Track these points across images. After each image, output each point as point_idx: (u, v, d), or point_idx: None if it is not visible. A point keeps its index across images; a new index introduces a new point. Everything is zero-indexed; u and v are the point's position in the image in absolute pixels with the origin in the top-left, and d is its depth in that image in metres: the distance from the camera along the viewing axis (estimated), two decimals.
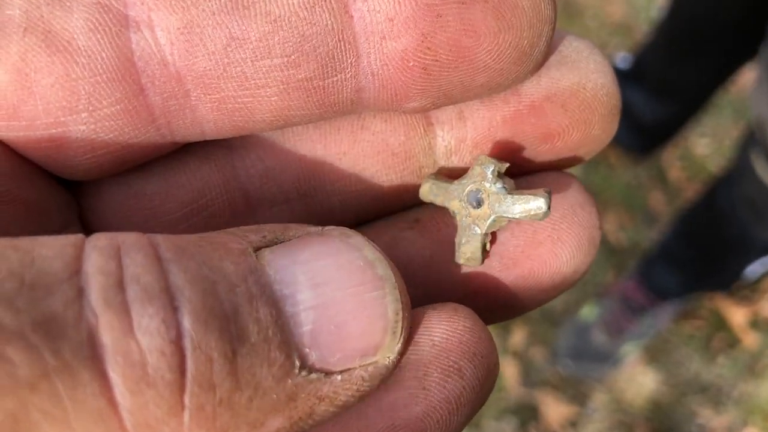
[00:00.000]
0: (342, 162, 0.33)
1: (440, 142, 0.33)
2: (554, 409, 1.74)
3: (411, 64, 0.28)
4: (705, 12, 1.48)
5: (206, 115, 0.29)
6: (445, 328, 0.30)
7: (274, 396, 0.23)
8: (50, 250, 0.21)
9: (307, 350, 0.24)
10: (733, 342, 1.83)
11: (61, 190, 0.31)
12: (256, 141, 0.32)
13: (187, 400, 0.21)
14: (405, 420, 0.29)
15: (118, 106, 0.28)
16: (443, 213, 0.33)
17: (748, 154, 1.23)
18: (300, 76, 0.28)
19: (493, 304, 0.33)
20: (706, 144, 2.00)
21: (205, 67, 0.27)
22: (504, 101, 0.32)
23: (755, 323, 1.84)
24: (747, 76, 1.75)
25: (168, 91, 0.28)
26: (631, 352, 1.78)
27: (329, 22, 0.27)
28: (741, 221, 1.36)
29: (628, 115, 1.83)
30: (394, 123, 0.32)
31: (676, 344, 1.83)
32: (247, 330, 0.22)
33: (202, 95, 0.28)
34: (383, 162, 0.33)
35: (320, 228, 0.27)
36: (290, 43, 0.27)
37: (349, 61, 0.28)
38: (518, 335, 1.79)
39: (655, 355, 1.82)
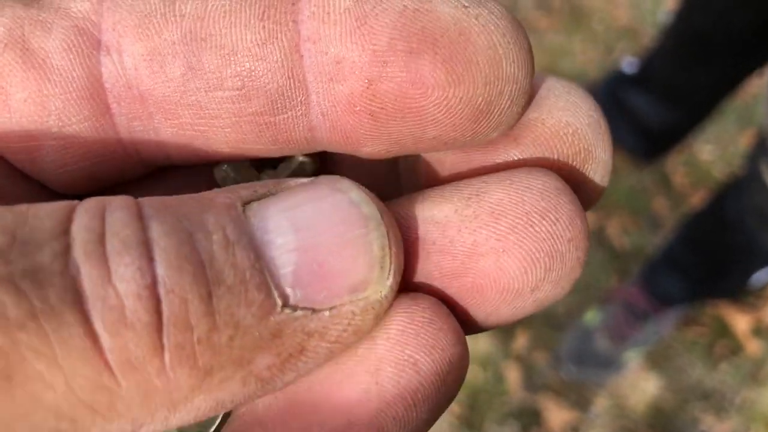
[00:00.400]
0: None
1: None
2: (556, 414, 1.74)
3: (358, 108, 0.28)
4: (715, 19, 1.47)
5: (168, 139, 0.30)
6: (402, 319, 0.28)
7: (257, 334, 0.24)
8: (43, 212, 0.23)
9: (290, 289, 0.24)
10: (736, 349, 1.83)
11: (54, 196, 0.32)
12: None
13: (165, 340, 0.22)
14: (360, 416, 0.28)
15: (87, 123, 0.29)
16: (393, 211, 0.31)
17: (757, 164, 1.23)
18: (251, 110, 0.29)
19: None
20: (711, 150, 2.00)
21: (164, 93, 0.29)
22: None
23: (759, 330, 1.83)
24: (752, 84, 1.75)
25: (132, 112, 0.29)
26: (633, 358, 1.78)
27: (279, 60, 0.28)
28: (748, 229, 1.35)
29: (633, 119, 1.83)
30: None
31: (678, 350, 1.83)
32: (223, 274, 0.23)
33: (164, 119, 0.29)
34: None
35: (312, 178, 0.27)
36: (241, 77, 0.28)
37: (298, 99, 0.28)
38: (521, 339, 1.79)
39: (657, 361, 1.82)
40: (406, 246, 0.29)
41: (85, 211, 0.23)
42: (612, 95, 1.82)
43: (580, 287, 1.83)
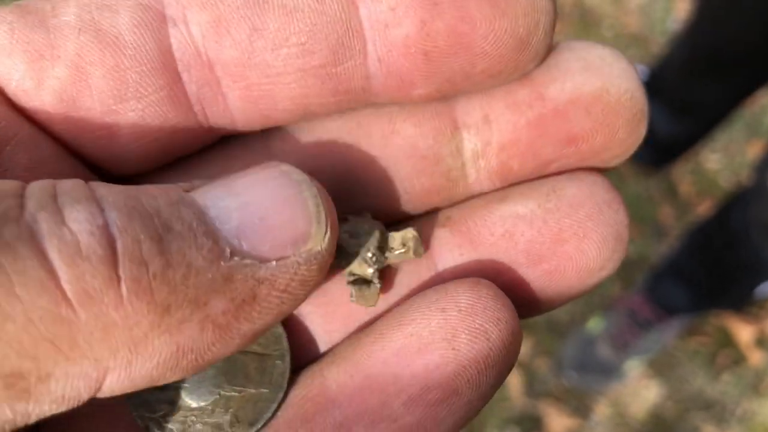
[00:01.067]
0: (374, 165, 0.35)
1: (467, 145, 0.34)
2: (557, 421, 1.74)
3: (413, 50, 0.31)
4: (728, 34, 1.47)
5: (235, 103, 0.32)
6: (470, 296, 0.32)
7: (210, 275, 0.25)
8: (2, 182, 0.25)
9: (236, 240, 0.26)
10: (738, 359, 1.83)
11: None
12: (293, 145, 0.35)
13: (121, 272, 0.24)
14: (437, 381, 0.32)
15: (162, 93, 0.31)
16: (473, 213, 0.35)
17: (765, 176, 1.23)
18: (314, 63, 0.31)
19: (520, 299, 0.34)
20: (718, 159, 2.00)
21: (232, 56, 0.31)
22: (528, 105, 0.33)
23: (762, 341, 1.84)
24: (761, 94, 1.75)
25: (202, 79, 0.32)
26: (635, 367, 1.78)
27: (337, 12, 0.30)
28: (754, 241, 1.35)
29: None
30: (423, 127, 0.34)
31: (681, 360, 1.83)
32: (171, 222, 0.25)
33: (231, 83, 0.32)
34: (413, 165, 0.35)
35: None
36: (304, 32, 0.30)
37: (357, 48, 0.31)
38: (523, 345, 1.79)
39: (659, 370, 1.82)
40: (492, 242, 0.34)
41: (36, 182, 0.25)
42: None
43: (583, 295, 1.83)
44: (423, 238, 0.35)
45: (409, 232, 0.34)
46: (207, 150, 0.35)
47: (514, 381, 1.76)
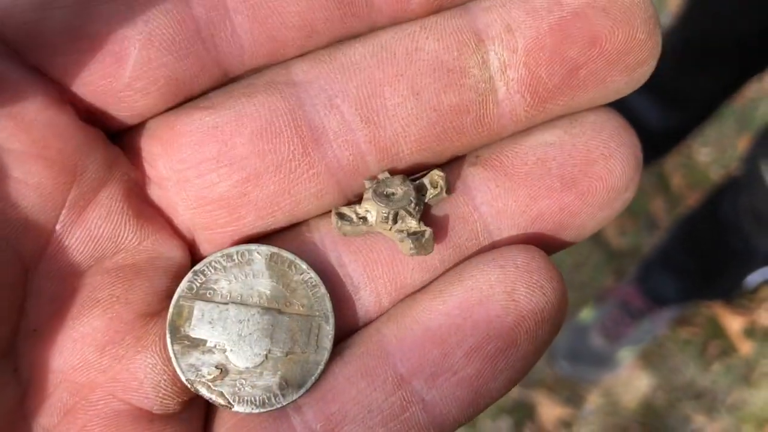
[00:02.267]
0: (400, 83, 0.35)
1: (493, 56, 0.35)
2: (549, 410, 1.75)
3: None
4: (720, 24, 1.48)
5: (243, 25, 0.33)
6: (526, 255, 0.34)
7: None
8: None
9: None
10: (728, 350, 1.84)
11: (103, 145, 0.35)
12: (317, 73, 0.35)
13: None
14: (498, 331, 0.33)
15: (169, 15, 0.32)
16: (502, 149, 0.36)
17: (756, 163, 1.23)
18: None
19: (557, 226, 0.36)
20: (709, 153, 2.00)
21: None
22: (547, 11, 0.34)
23: (751, 332, 1.84)
24: (751, 88, 1.76)
25: (209, 2, 0.32)
26: (627, 357, 1.79)
27: None
28: (744, 231, 1.36)
29: (632, 120, 1.82)
30: (446, 41, 0.35)
31: (672, 350, 1.84)
32: None
33: (239, 4, 0.33)
34: (440, 79, 0.35)
35: None
36: None
37: None
38: None
39: (651, 360, 1.83)
40: (526, 171, 0.35)
41: None
42: None
43: (576, 286, 1.84)
44: (455, 179, 0.37)
45: (436, 173, 0.36)
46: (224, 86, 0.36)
47: None
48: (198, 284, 0.36)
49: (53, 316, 0.34)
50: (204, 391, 0.35)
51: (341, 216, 0.36)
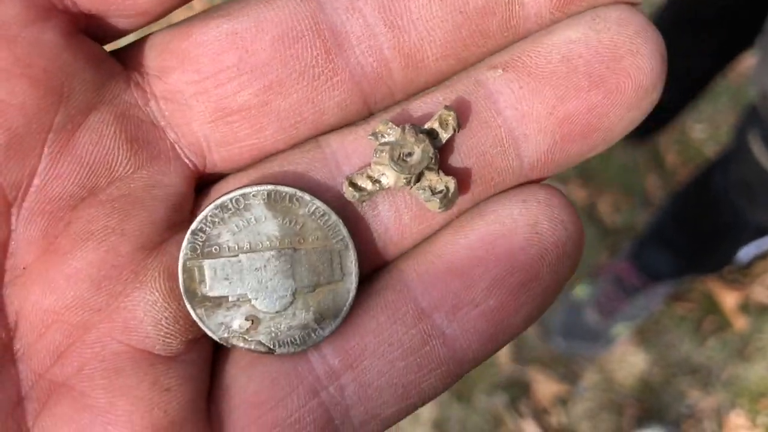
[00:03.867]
0: None
1: None
2: (545, 386, 1.75)
3: None
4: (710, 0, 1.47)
5: None
6: (547, 191, 0.34)
7: None
8: None
9: None
10: (723, 325, 1.85)
11: (94, 64, 0.33)
12: None
13: None
14: (521, 262, 0.33)
15: None
16: (524, 49, 0.35)
17: (746, 136, 1.23)
18: None
19: (585, 127, 0.34)
20: (703, 129, 2.01)
21: None
22: None
23: (746, 307, 1.85)
24: (745, 63, 1.76)
25: None
26: (622, 333, 1.79)
27: None
28: (735, 205, 1.36)
29: None
30: None
31: (667, 326, 1.85)
32: None
33: None
34: None
35: None
36: None
37: None
38: None
39: (646, 336, 1.83)
40: (551, 70, 0.33)
41: None
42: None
43: None
44: (478, 86, 0.35)
45: (444, 113, 0.34)
46: None
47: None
48: (200, 243, 0.34)
49: (44, 253, 0.32)
50: (241, 344, 0.34)
51: (355, 186, 0.34)
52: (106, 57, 0.34)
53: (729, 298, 1.85)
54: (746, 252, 1.59)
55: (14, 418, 0.32)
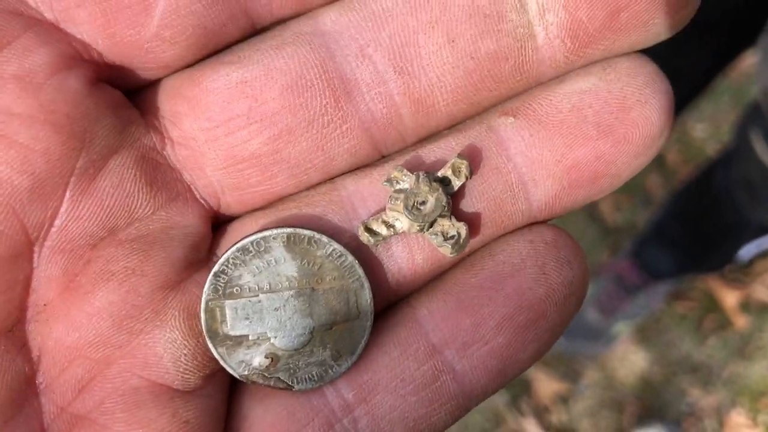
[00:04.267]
0: (435, 30, 0.34)
1: None
2: (546, 385, 1.75)
3: None
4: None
5: None
6: (554, 233, 0.35)
7: None
8: None
9: None
10: (724, 324, 1.85)
11: (115, 110, 0.34)
12: (346, 22, 0.34)
13: None
14: (529, 301, 0.34)
15: None
16: (534, 97, 0.36)
17: (748, 134, 1.23)
18: None
19: (593, 174, 0.35)
20: (704, 128, 2.01)
21: None
22: None
23: (746, 306, 1.85)
24: (746, 62, 1.76)
25: None
26: (623, 331, 1.79)
27: None
28: (736, 203, 1.36)
29: None
30: None
31: (668, 325, 1.85)
32: None
33: None
34: (476, 25, 0.34)
35: None
36: None
37: None
38: None
39: (647, 335, 1.83)
40: (561, 119, 0.34)
41: None
42: None
43: None
44: (490, 132, 0.36)
45: (457, 161, 0.35)
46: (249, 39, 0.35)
47: None
48: (222, 284, 0.35)
49: (65, 290, 0.33)
50: (261, 381, 0.35)
51: (370, 231, 0.35)
52: (126, 103, 0.34)
53: (730, 297, 1.85)
54: (747, 250, 1.59)
55: None
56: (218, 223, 0.37)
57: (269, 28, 0.35)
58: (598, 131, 0.34)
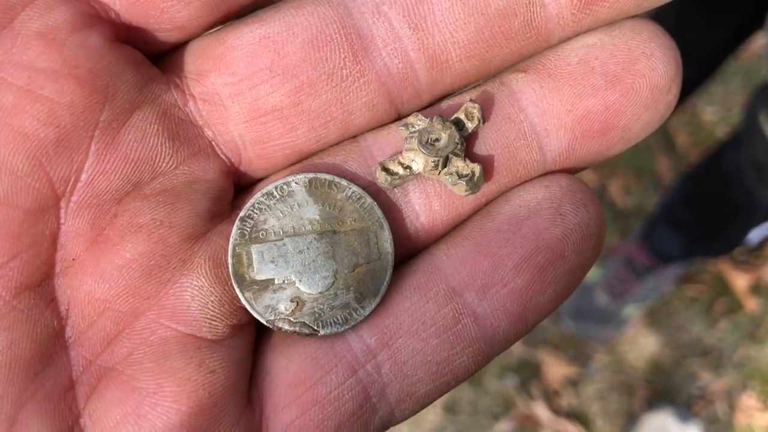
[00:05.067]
0: None
1: None
2: (555, 368, 1.76)
3: None
4: None
5: None
6: (569, 179, 0.36)
7: None
8: None
9: None
10: (734, 307, 1.85)
11: (136, 66, 0.35)
12: None
13: None
14: (546, 242, 0.35)
15: None
16: (543, 53, 0.37)
17: (757, 116, 1.22)
18: None
19: (603, 125, 0.36)
20: (714, 111, 2.00)
21: None
22: None
23: (757, 288, 1.85)
24: (757, 43, 1.75)
25: None
26: (633, 314, 1.79)
27: None
28: (746, 185, 1.35)
29: None
30: None
31: (678, 308, 1.85)
32: None
33: None
34: None
35: None
36: None
37: None
38: None
39: (657, 318, 1.84)
40: (570, 71, 0.36)
41: None
42: None
43: None
44: (502, 86, 0.37)
45: (469, 105, 0.36)
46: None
47: None
48: (248, 229, 0.36)
49: (93, 244, 0.34)
50: (287, 327, 0.36)
51: (387, 170, 0.36)
52: (147, 62, 0.36)
53: (740, 280, 1.85)
54: (757, 233, 1.59)
55: (66, 402, 0.33)
56: (240, 182, 0.38)
57: None
58: (605, 81, 0.35)
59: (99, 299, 0.33)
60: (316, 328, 0.36)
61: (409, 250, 0.38)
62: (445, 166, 0.36)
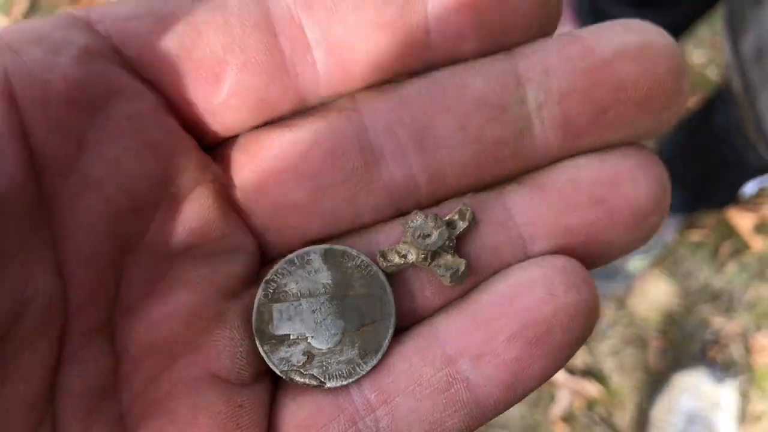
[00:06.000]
0: (449, 117, 0.39)
1: (531, 95, 0.38)
2: None
3: (463, 6, 0.37)
4: None
5: (321, 59, 0.38)
6: (565, 260, 0.38)
7: None
8: None
9: None
10: (741, 248, 1.85)
11: (198, 151, 0.40)
12: (379, 103, 0.40)
13: None
14: (536, 319, 0.37)
15: (261, 46, 0.37)
16: (536, 171, 0.40)
17: (746, 77, 1.21)
18: (386, 17, 0.37)
19: (587, 239, 0.39)
20: (704, 54, 1.97)
21: (318, 18, 0.37)
22: (581, 58, 0.38)
23: (762, 227, 1.84)
24: None
25: (294, 38, 0.37)
26: (639, 267, 1.80)
27: None
28: (736, 144, 1.34)
29: None
30: (491, 82, 0.39)
31: (683, 255, 1.85)
32: None
33: (319, 40, 0.38)
34: (485, 114, 0.39)
35: None
36: None
37: (419, 4, 0.37)
38: None
39: (663, 267, 1.84)
40: (559, 187, 0.39)
41: None
42: (593, 3, 1.78)
43: None
44: (495, 194, 0.40)
45: (463, 207, 0.40)
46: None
47: None
48: (272, 290, 0.41)
49: (147, 295, 0.38)
50: (298, 378, 0.40)
51: (385, 257, 0.40)
52: (201, 150, 0.41)
53: (744, 221, 1.84)
54: (751, 187, 1.58)
55: (119, 430, 0.37)
56: (265, 258, 0.42)
57: (316, 106, 0.41)
58: (590, 200, 0.38)
59: (147, 342, 0.38)
60: (323, 380, 0.39)
61: (413, 318, 0.41)
62: (434, 258, 0.39)
